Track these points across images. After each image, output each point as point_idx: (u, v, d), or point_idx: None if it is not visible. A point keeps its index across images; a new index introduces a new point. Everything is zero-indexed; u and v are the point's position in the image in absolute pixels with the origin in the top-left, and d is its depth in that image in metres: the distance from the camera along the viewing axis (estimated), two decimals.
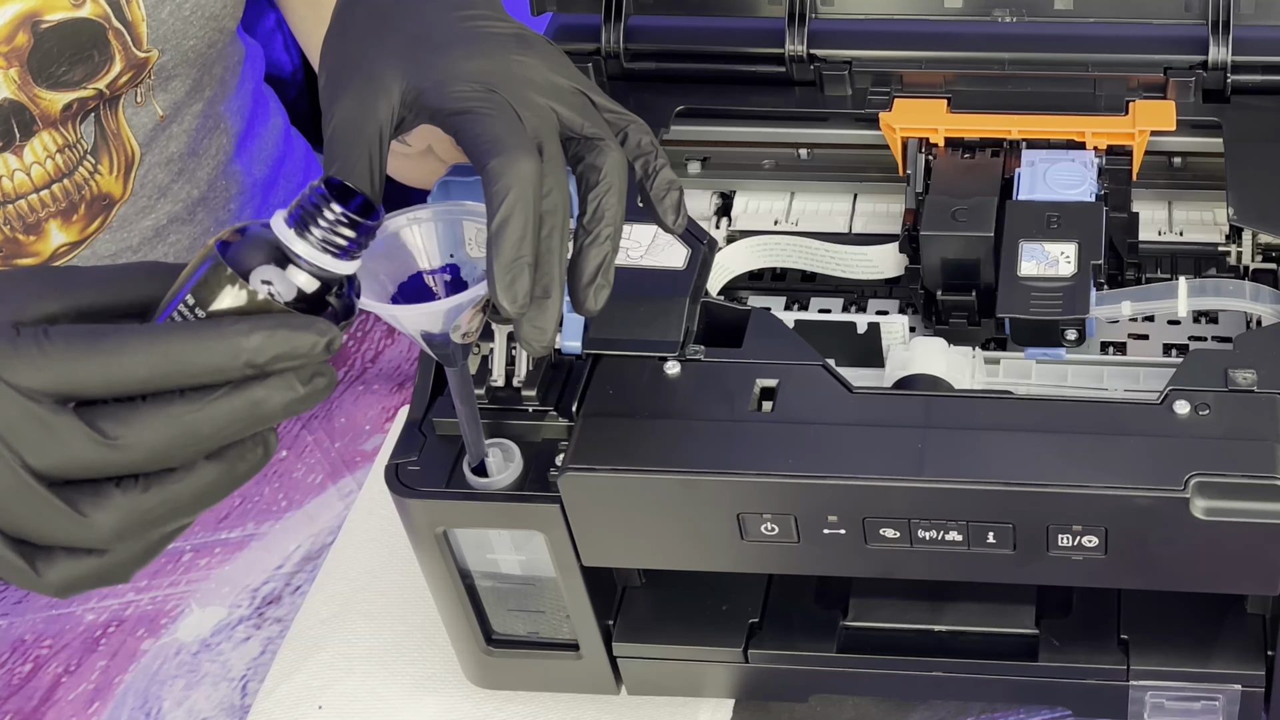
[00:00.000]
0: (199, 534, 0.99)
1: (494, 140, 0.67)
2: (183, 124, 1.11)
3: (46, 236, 1.05)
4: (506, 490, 0.75)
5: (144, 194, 1.10)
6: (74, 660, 0.93)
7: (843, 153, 0.92)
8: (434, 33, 0.73)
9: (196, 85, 1.11)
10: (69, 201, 1.05)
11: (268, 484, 1.01)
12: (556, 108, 0.71)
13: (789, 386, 0.75)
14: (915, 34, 0.93)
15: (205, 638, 0.93)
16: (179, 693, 0.91)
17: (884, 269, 0.87)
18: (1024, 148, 0.86)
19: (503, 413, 0.77)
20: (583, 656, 0.82)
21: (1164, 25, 0.91)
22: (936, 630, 0.81)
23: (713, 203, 0.92)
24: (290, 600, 0.94)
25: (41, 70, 0.99)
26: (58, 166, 1.03)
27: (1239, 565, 0.72)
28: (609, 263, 0.69)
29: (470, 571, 0.80)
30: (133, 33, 1.02)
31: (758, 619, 0.82)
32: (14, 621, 0.95)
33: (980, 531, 0.72)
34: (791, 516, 0.73)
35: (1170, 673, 0.78)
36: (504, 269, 0.65)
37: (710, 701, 0.85)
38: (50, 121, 1.01)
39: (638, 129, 0.73)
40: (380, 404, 1.05)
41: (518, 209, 0.66)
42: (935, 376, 0.78)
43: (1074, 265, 0.79)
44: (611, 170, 0.70)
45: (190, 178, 1.14)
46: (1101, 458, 0.71)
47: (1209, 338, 0.85)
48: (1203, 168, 0.89)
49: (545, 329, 0.67)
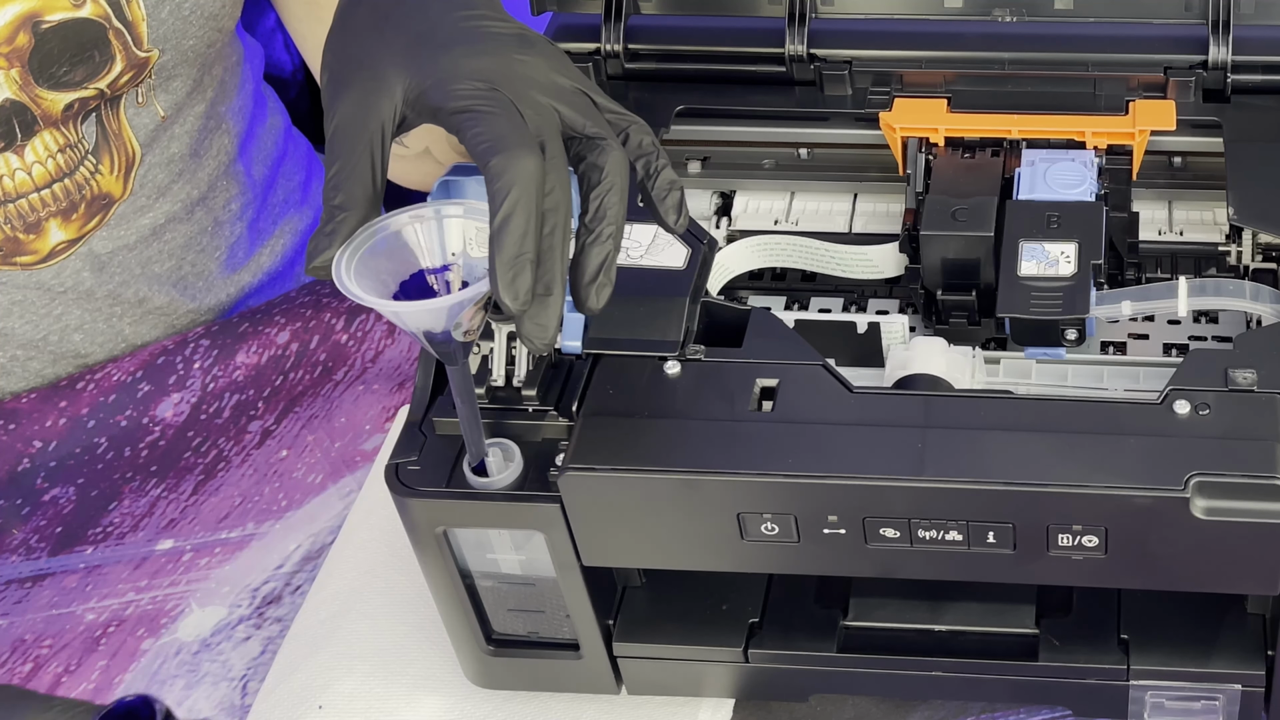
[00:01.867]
0: (199, 534, 0.99)
1: (496, 138, 0.68)
2: (184, 124, 1.11)
3: (46, 235, 1.06)
4: (506, 490, 0.75)
5: (144, 194, 1.10)
6: (74, 660, 0.93)
7: (843, 152, 0.92)
8: (436, 32, 0.73)
9: (197, 85, 1.11)
10: (69, 201, 1.05)
11: (268, 484, 1.01)
12: (558, 107, 0.71)
13: (789, 386, 0.75)
14: (915, 34, 0.93)
15: (205, 637, 0.93)
16: (179, 693, 0.91)
17: (884, 269, 0.87)
18: (1024, 147, 0.86)
19: (503, 412, 0.77)
20: (583, 656, 0.82)
21: (1164, 25, 0.91)
22: (936, 630, 0.81)
23: (713, 203, 0.93)
24: (290, 600, 0.94)
25: (43, 70, 0.99)
26: (59, 166, 1.03)
27: (1239, 565, 0.72)
28: (611, 261, 0.70)
29: (470, 571, 0.80)
30: (133, 32, 1.02)
31: (758, 619, 0.82)
32: (14, 621, 0.95)
33: (980, 531, 0.72)
34: (791, 516, 0.73)
35: (1170, 673, 0.78)
36: (505, 266, 0.65)
37: (710, 701, 0.85)
38: (51, 121, 1.02)
39: (639, 129, 0.73)
40: (380, 404, 1.05)
41: (520, 206, 0.66)
42: (935, 376, 0.78)
43: (1074, 265, 0.79)
44: (613, 169, 0.70)
45: (191, 178, 1.14)
46: (1101, 458, 0.71)
47: (1209, 338, 0.85)
48: (1203, 168, 0.89)
49: (547, 326, 0.68)
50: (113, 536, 0.99)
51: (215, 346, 1.10)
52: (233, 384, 1.08)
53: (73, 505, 1.01)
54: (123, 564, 0.98)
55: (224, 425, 1.05)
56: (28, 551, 0.99)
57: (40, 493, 1.02)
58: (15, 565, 0.98)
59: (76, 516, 1.01)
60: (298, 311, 1.12)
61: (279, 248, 1.25)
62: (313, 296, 1.13)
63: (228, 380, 1.08)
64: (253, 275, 1.22)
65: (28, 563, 0.99)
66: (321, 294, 1.13)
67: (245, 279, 1.22)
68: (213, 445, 1.04)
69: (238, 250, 1.21)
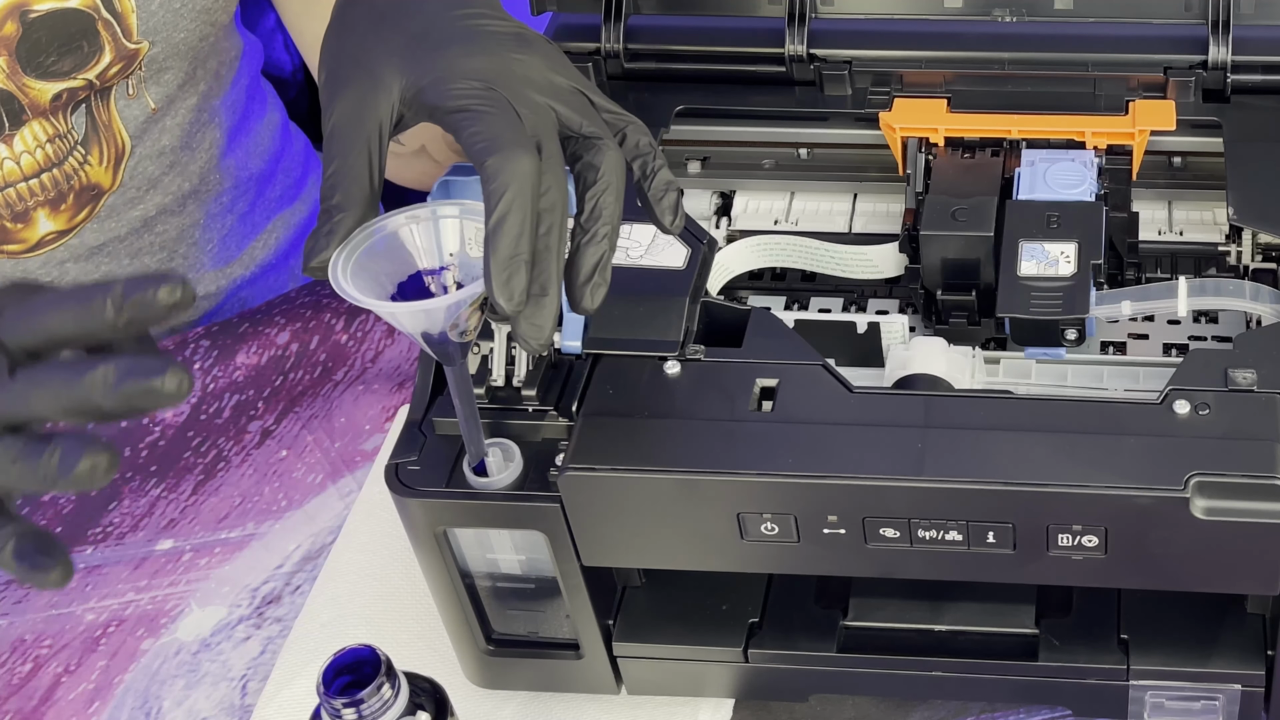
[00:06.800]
0: (199, 534, 0.99)
1: (492, 138, 0.68)
2: (175, 117, 1.11)
3: (34, 224, 1.06)
4: (506, 490, 0.76)
5: (133, 185, 1.10)
6: (74, 660, 0.93)
7: (843, 152, 0.92)
8: (433, 30, 0.73)
9: (189, 78, 1.11)
10: (58, 191, 1.05)
11: (268, 484, 1.01)
12: (555, 106, 0.71)
13: (789, 386, 0.75)
14: (915, 34, 0.93)
15: (205, 637, 0.93)
16: (179, 692, 0.91)
17: (884, 269, 0.87)
18: (1024, 147, 0.86)
19: (503, 412, 0.77)
20: (583, 656, 0.82)
21: (1164, 25, 0.91)
22: (936, 630, 0.81)
23: (713, 203, 0.92)
24: (290, 600, 0.94)
25: (30, 60, 0.99)
26: (47, 156, 1.03)
27: (1239, 565, 0.72)
28: (606, 261, 0.70)
29: (470, 571, 0.80)
30: (122, 24, 1.02)
31: (758, 619, 0.82)
32: (14, 621, 0.95)
33: (980, 531, 0.72)
34: (791, 516, 0.73)
35: (1170, 673, 0.78)
36: (500, 266, 0.65)
37: (710, 701, 0.85)
38: (40, 111, 1.02)
39: (636, 129, 0.73)
40: (380, 404, 1.05)
41: (515, 206, 0.66)
42: (935, 376, 0.78)
43: (1074, 265, 0.79)
44: (609, 169, 0.70)
45: (182, 171, 1.14)
46: (1101, 458, 0.71)
47: (1209, 338, 0.85)
48: (1203, 168, 0.89)
49: (543, 327, 0.68)
50: (112, 536, 0.99)
51: (215, 347, 1.10)
52: (233, 384, 1.08)
53: (72, 505, 1.01)
54: (122, 564, 0.98)
55: (224, 425, 1.05)
56: None
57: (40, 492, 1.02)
58: None
59: (76, 516, 1.01)
60: (298, 312, 1.12)
61: (272, 241, 1.25)
62: (313, 297, 1.13)
63: (228, 380, 1.08)
64: (244, 268, 1.22)
65: None
66: (321, 294, 1.13)
67: (237, 271, 1.22)
68: (212, 445, 1.04)
69: (229, 243, 1.21)
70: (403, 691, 0.70)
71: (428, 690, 0.74)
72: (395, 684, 0.69)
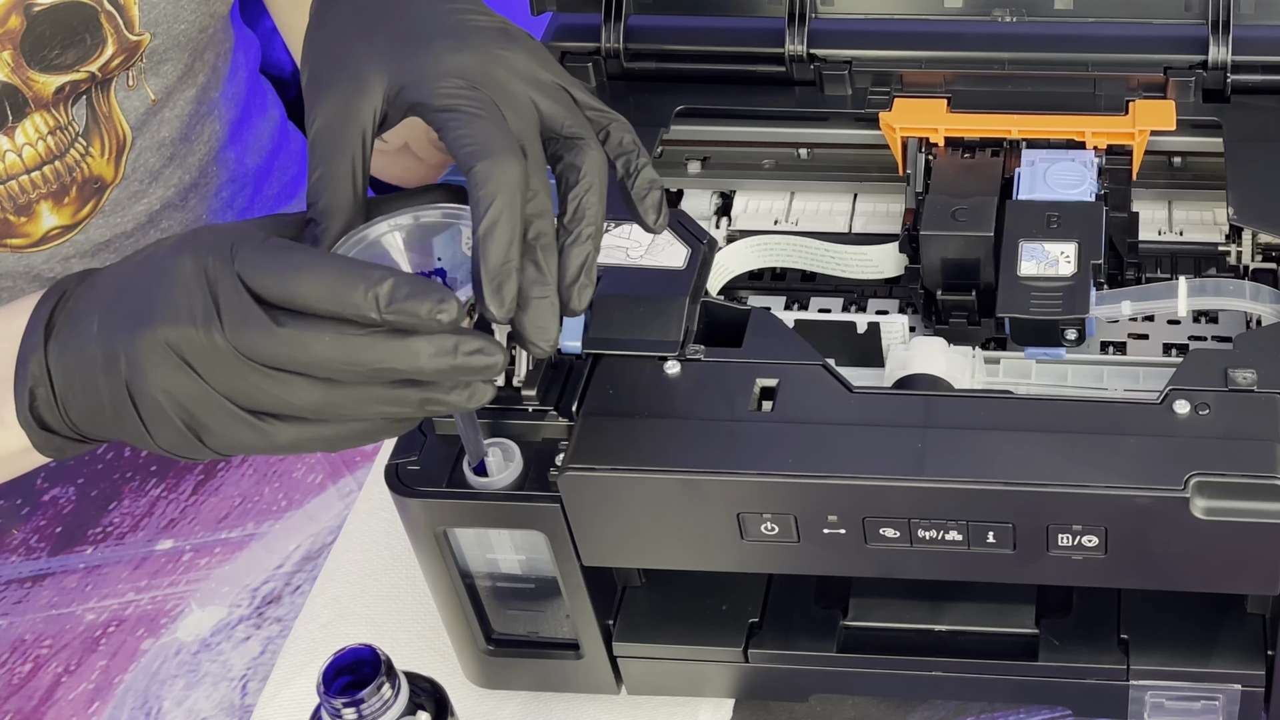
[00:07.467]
0: (199, 534, 0.99)
1: (479, 143, 0.67)
2: (175, 109, 1.11)
3: (38, 218, 1.05)
4: (506, 490, 0.75)
5: (136, 178, 1.10)
6: (74, 660, 0.93)
7: (843, 153, 0.92)
8: (417, 25, 0.73)
9: (189, 70, 1.11)
10: (60, 183, 1.05)
11: (268, 484, 1.01)
12: (538, 102, 0.70)
13: (789, 386, 0.75)
14: (915, 34, 0.93)
15: (205, 637, 0.93)
16: (179, 692, 0.91)
17: (884, 269, 0.87)
18: (1024, 147, 0.86)
19: (503, 413, 0.77)
20: (583, 656, 0.82)
21: (1164, 25, 0.91)
22: (936, 630, 0.81)
23: (713, 203, 0.92)
24: (290, 600, 0.94)
25: (34, 53, 0.99)
26: (49, 148, 1.03)
27: (1239, 565, 0.72)
28: (591, 262, 0.69)
29: (470, 571, 0.80)
30: (124, 16, 1.02)
31: (758, 619, 0.82)
32: (14, 621, 0.95)
33: (980, 531, 0.72)
34: (791, 516, 0.73)
35: (1170, 673, 0.78)
36: (491, 275, 0.65)
37: (710, 701, 0.85)
38: (42, 104, 1.02)
39: (620, 127, 0.73)
40: None
41: (505, 214, 0.66)
42: (935, 376, 0.78)
43: (1074, 265, 0.79)
44: (591, 169, 0.70)
45: (182, 163, 1.14)
46: (1101, 458, 0.71)
47: (1209, 338, 0.85)
48: (1203, 168, 0.89)
49: (548, 328, 0.67)
50: (113, 536, 0.99)
51: None
52: None
53: (72, 505, 1.01)
54: (123, 564, 0.98)
55: None
56: (28, 551, 0.99)
57: (40, 493, 1.02)
58: (15, 565, 0.98)
59: (76, 516, 1.01)
60: None
61: None
62: None
63: None
64: None
65: (28, 562, 0.99)
66: None
67: None
68: None
69: None
70: (403, 691, 0.70)
71: (428, 690, 0.74)
72: (395, 684, 0.69)
